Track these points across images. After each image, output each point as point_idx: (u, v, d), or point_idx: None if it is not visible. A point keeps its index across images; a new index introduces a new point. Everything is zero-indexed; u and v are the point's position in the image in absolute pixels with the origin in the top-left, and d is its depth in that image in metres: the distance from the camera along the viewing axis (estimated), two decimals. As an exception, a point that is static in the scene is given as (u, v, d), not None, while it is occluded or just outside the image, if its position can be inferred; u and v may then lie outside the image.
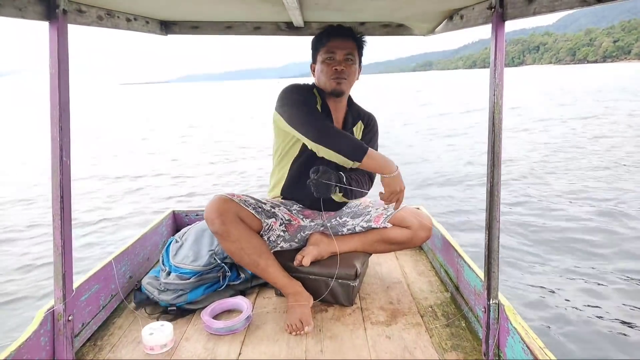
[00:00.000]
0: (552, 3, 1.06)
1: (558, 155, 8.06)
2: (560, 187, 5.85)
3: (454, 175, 6.83)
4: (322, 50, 1.75)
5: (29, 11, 1.11)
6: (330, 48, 1.73)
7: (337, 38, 1.74)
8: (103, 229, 4.69)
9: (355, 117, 1.92)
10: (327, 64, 1.75)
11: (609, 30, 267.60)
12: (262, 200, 1.84)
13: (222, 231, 1.64)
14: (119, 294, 1.78)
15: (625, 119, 12.68)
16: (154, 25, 1.84)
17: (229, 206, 1.67)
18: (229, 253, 1.70)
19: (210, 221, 1.64)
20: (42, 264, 3.77)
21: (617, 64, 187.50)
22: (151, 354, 1.44)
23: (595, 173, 6.57)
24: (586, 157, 7.79)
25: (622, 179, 6.16)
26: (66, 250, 1.26)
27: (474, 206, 5.14)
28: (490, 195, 1.29)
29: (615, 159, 7.53)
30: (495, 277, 1.32)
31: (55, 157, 1.21)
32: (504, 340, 1.32)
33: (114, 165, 8.47)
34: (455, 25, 1.64)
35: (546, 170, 6.88)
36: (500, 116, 1.26)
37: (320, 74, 1.78)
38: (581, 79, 46.61)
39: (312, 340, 1.52)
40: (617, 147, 8.54)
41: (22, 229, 4.73)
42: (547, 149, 8.62)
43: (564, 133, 10.68)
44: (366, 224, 1.88)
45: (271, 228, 1.79)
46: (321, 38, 1.76)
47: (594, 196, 5.38)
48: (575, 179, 6.27)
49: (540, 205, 5.09)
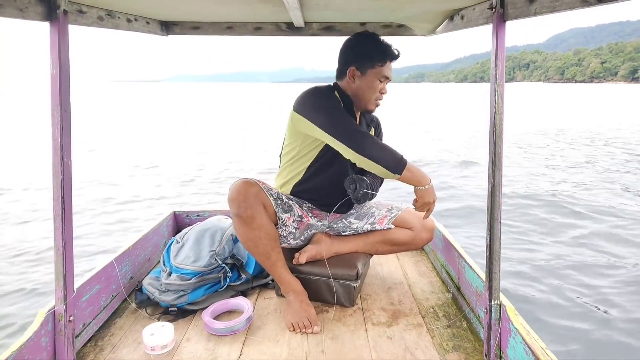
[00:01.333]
0: (553, 3, 1.06)
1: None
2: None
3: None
4: (378, 68, 1.69)
5: (30, 12, 1.12)
6: (387, 70, 1.70)
7: (393, 61, 1.72)
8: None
9: (369, 123, 1.90)
10: (379, 83, 1.71)
11: (597, 51, 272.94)
12: (279, 192, 1.81)
13: (247, 216, 1.59)
14: (119, 294, 1.78)
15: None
16: (155, 25, 1.84)
17: (255, 190, 1.63)
18: (244, 239, 1.65)
19: (237, 203, 1.59)
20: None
21: (603, 85, 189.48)
22: (152, 355, 1.44)
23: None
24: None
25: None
26: (67, 251, 1.26)
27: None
28: (491, 196, 1.29)
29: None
30: (497, 277, 1.32)
31: (56, 158, 1.21)
32: (506, 341, 1.31)
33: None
34: (456, 26, 1.64)
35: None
36: (501, 117, 1.25)
37: (365, 89, 1.72)
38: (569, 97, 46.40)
39: (313, 340, 1.52)
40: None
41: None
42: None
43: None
44: (370, 226, 1.88)
45: (285, 223, 1.77)
46: (383, 55, 1.69)
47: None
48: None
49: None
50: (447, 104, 33.70)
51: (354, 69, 1.72)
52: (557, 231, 4.43)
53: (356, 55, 1.71)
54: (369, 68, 1.70)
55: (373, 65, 1.69)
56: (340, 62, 1.76)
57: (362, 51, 1.71)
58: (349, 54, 1.73)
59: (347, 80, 1.74)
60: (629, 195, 5.89)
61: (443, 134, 13.49)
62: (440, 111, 26.03)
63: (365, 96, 1.73)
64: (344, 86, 1.77)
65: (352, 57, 1.72)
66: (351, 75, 1.73)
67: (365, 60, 1.70)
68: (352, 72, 1.72)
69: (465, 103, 36.09)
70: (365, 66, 1.70)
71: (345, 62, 1.74)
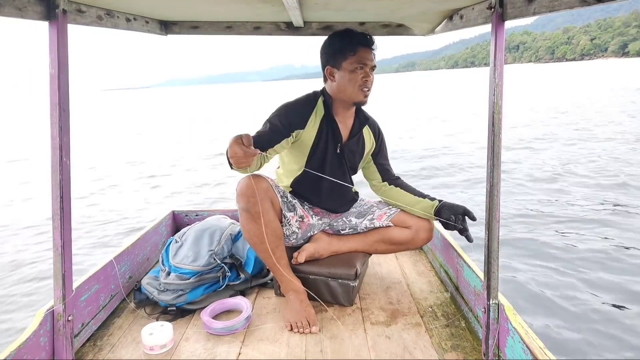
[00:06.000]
0: (552, 3, 1.06)
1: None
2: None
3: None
4: (351, 58, 1.67)
5: (29, 11, 1.11)
6: (361, 58, 1.67)
7: (366, 48, 1.69)
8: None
9: (363, 122, 1.89)
10: (357, 73, 1.68)
11: (586, 28, 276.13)
12: (285, 190, 1.81)
13: (255, 212, 1.58)
14: (118, 294, 1.78)
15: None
16: (154, 25, 1.84)
17: (265, 186, 1.63)
18: (249, 235, 1.64)
19: (246, 198, 1.58)
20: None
21: (594, 62, 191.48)
22: (151, 354, 1.44)
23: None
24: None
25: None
26: (66, 251, 1.26)
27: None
28: (490, 195, 1.29)
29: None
30: (495, 277, 1.32)
31: (54, 157, 1.21)
32: (504, 341, 1.32)
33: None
34: (455, 25, 1.64)
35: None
36: (499, 116, 1.25)
37: (346, 82, 1.70)
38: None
39: (312, 340, 1.52)
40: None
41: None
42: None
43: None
44: (370, 223, 1.88)
45: (289, 222, 1.78)
46: (351, 44, 1.67)
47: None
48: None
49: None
50: (451, 90, 33.38)
51: (329, 68, 1.73)
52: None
53: (328, 54, 1.73)
54: (342, 61, 1.70)
55: (345, 56, 1.69)
56: (321, 66, 1.79)
57: (332, 48, 1.72)
58: (323, 55, 1.76)
59: (329, 81, 1.76)
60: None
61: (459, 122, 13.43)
62: (446, 98, 25.95)
63: (348, 89, 1.72)
64: (329, 89, 1.78)
65: (325, 58, 1.75)
66: (329, 74, 1.75)
67: (336, 55, 1.71)
68: (329, 71, 1.74)
69: (466, 88, 35.97)
70: (338, 61, 1.71)
71: (323, 64, 1.77)
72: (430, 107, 20.08)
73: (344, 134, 1.82)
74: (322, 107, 1.77)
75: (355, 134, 1.85)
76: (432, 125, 13.00)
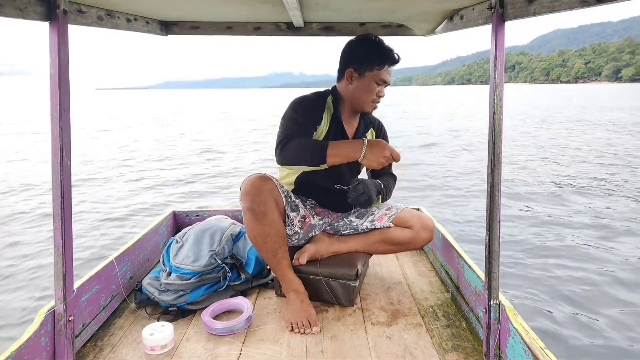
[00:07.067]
0: (552, 3, 1.06)
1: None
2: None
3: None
4: (376, 71, 1.70)
5: (29, 12, 1.11)
6: (385, 75, 1.71)
7: (392, 65, 1.73)
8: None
9: (368, 124, 1.92)
10: (376, 86, 1.72)
11: (581, 52, 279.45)
12: (288, 190, 1.82)
13: (260, 211, 1.59)
14: (119, 294, 1.78)
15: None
16: (154, 25, 1.84)
17: (270, 186, 1.63)
18: (253, 235, 1.64)
19: (251, 197, 1.58)
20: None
21: (587, 85, 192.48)
22: (151, 355, 1.44)
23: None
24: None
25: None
26: (67, 251, 1.26)
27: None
28: (490, 196, 1.29)
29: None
30: (496, 277, 1.32)
31: (55, 158, 1.21)
32: (505, 341, 1.31)
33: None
34: (455, 26, 1.64)
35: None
36: (500, 117, 1.25)
37: (362, 91, 1.73)
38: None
39: (313, 340, 1.52)
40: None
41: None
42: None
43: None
44: (370, 224, 1.88)
45: (292, 222, 1.79)
46: (380, 58, 1.69)
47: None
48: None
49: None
50: (451, 107, 33.42)
51: (351, 71, 1.73)
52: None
53: (355, 57, 1.72)
54: (367, 70, 1.70)
55: (371, 68, 1.70)
56: (340, 63, 1.78)
57: (362, 53, 1.71)
58: (349, 55, 1.74)
59: (345, 81, 1.76)
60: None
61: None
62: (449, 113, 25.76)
63: (362, 98, 1.74)
64: (341, 88, 1.79)
65: (351, 59, 1.73)
66: (349, 76, 1.74)
67: (364, 62, 1.70)
68: (350, 73, 1.74)
69: (463, 105, 36.00)
70: (363, 68, 1.71)
71: (345, 63, 1.75)
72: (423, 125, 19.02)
73: (350, 133, 1.84)
74: (331, 106, 1.79)
75: (360, 135, 1.87)
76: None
